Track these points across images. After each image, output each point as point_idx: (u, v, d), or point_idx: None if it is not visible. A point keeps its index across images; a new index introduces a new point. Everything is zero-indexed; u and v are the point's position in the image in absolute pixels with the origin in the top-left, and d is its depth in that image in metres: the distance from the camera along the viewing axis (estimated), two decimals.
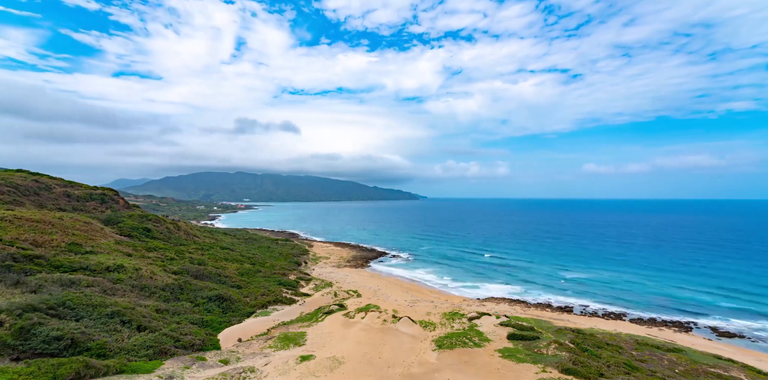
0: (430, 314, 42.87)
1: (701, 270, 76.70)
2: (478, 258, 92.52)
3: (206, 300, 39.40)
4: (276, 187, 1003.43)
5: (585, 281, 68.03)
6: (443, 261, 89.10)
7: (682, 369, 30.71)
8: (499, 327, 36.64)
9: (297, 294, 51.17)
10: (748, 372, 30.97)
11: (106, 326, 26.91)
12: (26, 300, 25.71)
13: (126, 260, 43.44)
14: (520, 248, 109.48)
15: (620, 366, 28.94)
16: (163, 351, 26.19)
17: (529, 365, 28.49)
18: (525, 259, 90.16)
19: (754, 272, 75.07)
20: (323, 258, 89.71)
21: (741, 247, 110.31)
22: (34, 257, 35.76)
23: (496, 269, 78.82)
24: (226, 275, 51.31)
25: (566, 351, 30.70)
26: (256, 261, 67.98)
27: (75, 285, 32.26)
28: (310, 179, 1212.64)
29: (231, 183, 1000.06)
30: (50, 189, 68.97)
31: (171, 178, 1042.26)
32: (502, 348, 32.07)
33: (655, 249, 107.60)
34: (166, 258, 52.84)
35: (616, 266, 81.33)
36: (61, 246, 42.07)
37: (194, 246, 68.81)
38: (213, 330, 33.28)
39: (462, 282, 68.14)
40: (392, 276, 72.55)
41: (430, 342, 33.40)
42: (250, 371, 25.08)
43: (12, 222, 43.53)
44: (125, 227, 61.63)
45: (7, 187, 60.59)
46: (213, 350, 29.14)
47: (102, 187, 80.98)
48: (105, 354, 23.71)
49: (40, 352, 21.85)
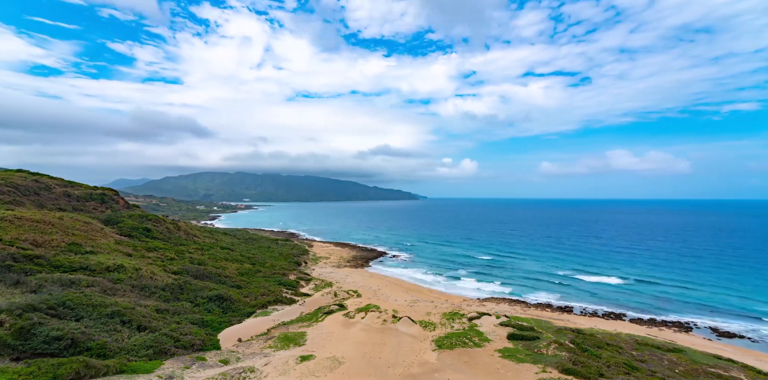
0: (430, 314, 42.87)
1: (702, 270, 76.68)
2: (478, 258, 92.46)
3: (206, 300, 39.39)
4: (276, 187, 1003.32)
5: (586, 281, 68.01)
6: (443, 261, 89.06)
7: (682, 370, 30.70)
8: (499, 327, 36.64)
9: (297, 294, 51.17)
10: (748, 372, 30.96)
11: (106, 326, 26.91)
12: (26, 300, 25.71)
13: (126, 260, 43.45)
14: (520, 248, 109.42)
15: (620, 366, 28.93)
16: (163, 351, 26.19)
17: (529, 365, 28.49)
18: (525, 259, 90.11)
19: (755, 272, 75.06)
20: (323, 258, 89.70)
21: (741, 247, 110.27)
22: (34, 257, 35.77)
23: (497, 269, 78.77)
24: (226, 275, 51.30)
25: (566, 351, 30.71)
26: (256, 261, 67.97)
27: (75, 285, 32.26)
28: (310, 179, 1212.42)
29: (231, 183, 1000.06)
30: (50, 189, 68.97)
31: (171, 178, 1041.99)
32: (502, 348, 32.08)
33: (656, 248, 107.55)
34: (166, 258, 52.85)
35: (616, 266, 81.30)
36: (61, 246, 42.08)
37: (194, 246, 68.81)
38: (213, 330, 33.28)
39: (462, 282, 68.13)
40: (392, 276, 72.53)
41: (430, 342, 33.40)
42: (250, 371, 25.08)
43: (12, 222, 43.55)
44: (125, 227, 61.64)
45: (7, 187, 60.59)
46: (213, 350, 29.14)
47: (102, 187, 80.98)
48: (105, 354, 23.71)
49: (40, 352, 21.85)
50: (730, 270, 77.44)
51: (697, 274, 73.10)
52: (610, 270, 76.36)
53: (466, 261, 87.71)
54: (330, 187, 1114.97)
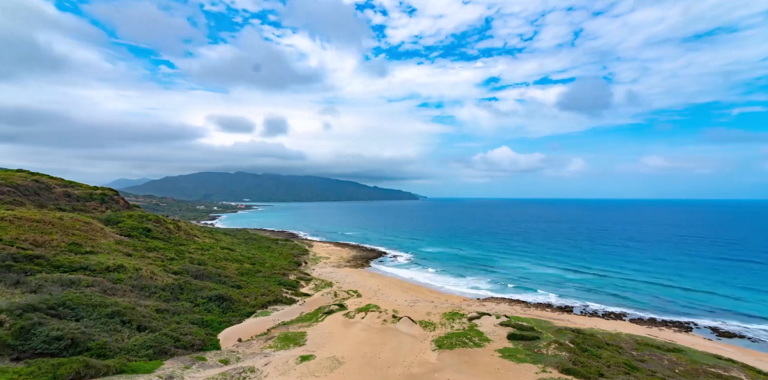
0: (430, 314, 42.87)
1: (702, 270, 76.67)
2: (478, 257, 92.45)
3: (206, 300, 39.39)
4: (276, 187, 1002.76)
5: (586, 281, 68.01)
6: (443, 261, 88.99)
7: (683, 369, 30.71)
8: (499, 327, 36.64)
9: (297, 294, 51.17)
10: (748, 372, 30.96)
11: (106, 326, 26.92)
12: (26, 300, 25.71)
13: (126, 260, 43.46)
14: (520, 247, 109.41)
15: (620, 366, 28.94)
16: (163, 351, 26.20)
17: (529, 365, 28.50)
18: (525, 259, 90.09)
19: (756, 272, 75.05)
20: (323, 258, 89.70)
21: (742, 248, 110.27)
22: (34, 257, 35.78)
23: (497, 269, 78.74)
24: (226, 275, 51.30)
25: (566, 351, 30.72)
26: (256, 261, 67.97)
27: (75, 285, 32.26)
28: (310, 179, 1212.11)
29: (231, 183, 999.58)
30: (50, 189, 68.98)
31: (171, 178, 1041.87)
32: (502, 348, 32.08)
33: (656, 249, 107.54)
34: (166, 258, 52.85)
35: (616, 265, 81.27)
36: (61, 246, 42.09)
37: (194, 246, 68.81)
38: (213, 330, 33.29)
39: (462, 282, 68.10)
40: (392, 276, 72.52)
41: (430, 342, 33.41)
42: (250, 371, 25.09)
43: (12, 222, 43.54)
44: (125, 227, 61.61)
45: (7, 186, 60.58)
46: (213, 350, 29.16)
47: (102, 187, 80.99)
48: (105, 354, 23.72)
49: (40, 352, 21.85)
50: (732, 270, 77.45)
51: (698, 274, 73.10)
52: (610, 270, 76.40)
53: (467, 261, 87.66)
54: (330, 187, 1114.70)
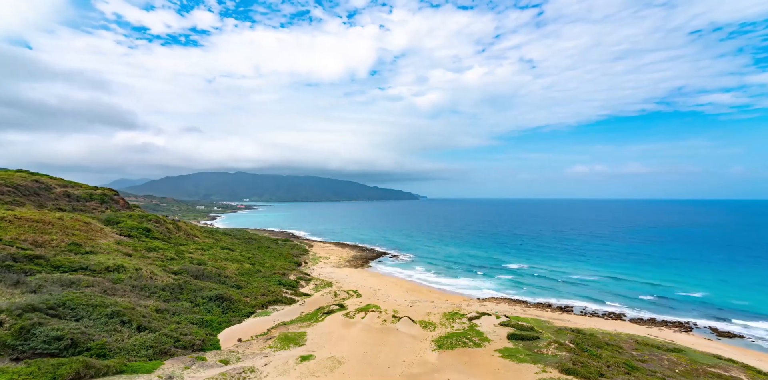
0: (430, 314, 42.86)
1: (702, 270, 76.69)
2: (478, 257, 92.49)
3: (206, 300, 39.39)
4: (276, 187, 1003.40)
5: (585, 281, 67.99)
6: (443, 261, 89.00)
7: (682, 369, 30.71)
8: (499, 327, 36.62)
9: (297, 294, 51.17)
10: (748, 372, 30.97)
11: (106, 326, 26.92)
12: (26, 300, 25.72)
13: (126, 260, 43.45)
14: (520, 247, 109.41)
15: (620, 366, 28.95)
16: (163, 351, 26.20)
17: (529, 365, 28.49)
18: (525, 259, 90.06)
19: (756, 272, 75.08)
20: (323, 258, 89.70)
21: (742, 247, 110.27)
22: (34, 257, 35.78)
23: (497, 269, 78.73)
24: (226, 275, 51.29)
25: (566, 351, 30.71)
26: (256, 261, 67.97)
27: (75, 286, 32.27)
28: (309, 179, 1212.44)
29: (231, 183, 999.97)
30: (50, 189, 69.00)
31: (171, 178, 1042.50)
32: (502, 348, 32.07)
33: (657, 249, 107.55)
34: (166, 258, 52.83)
35: (616, 266, 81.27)
36: (61, 246, 42.09)
37: (194, 246, 68.79)
38: (213, 330, 33.30)
39: (462, 282, 68.09)
40: (392, 276, 72.53)
41: (430, 342, 33.40)
42: (250, 371, 25.08)
43: (12, 222, 43.54)
44: (125, 227, 61.61)
45: (7, 187, 60.58)
46: (213, 350, 29.16)
47: (102, 187, 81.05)
48: (105, 354, 23.72)
49: (40, 352, 21.85)
50: (732, 270, 77.46)
51: (698, 274, 73.12)
52: (609, 269, 76.41)
53: (467, 261, 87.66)
54: (330, 187, 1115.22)
